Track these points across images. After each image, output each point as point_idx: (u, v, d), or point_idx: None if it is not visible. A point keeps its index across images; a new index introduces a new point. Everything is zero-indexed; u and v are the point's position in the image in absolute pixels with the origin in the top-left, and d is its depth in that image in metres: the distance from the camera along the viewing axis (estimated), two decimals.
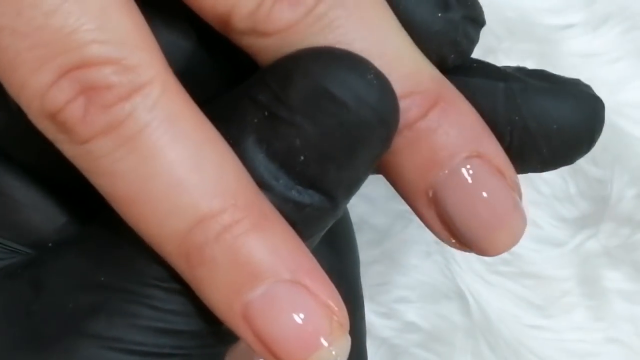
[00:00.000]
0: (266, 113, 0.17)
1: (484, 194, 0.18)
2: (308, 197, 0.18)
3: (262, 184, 0.17)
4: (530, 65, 0.34)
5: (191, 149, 0.17)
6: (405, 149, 0.18)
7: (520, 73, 0.20)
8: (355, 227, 0.35)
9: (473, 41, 0.20)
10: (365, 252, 0.35)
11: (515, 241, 0.19)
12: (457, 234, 0.19)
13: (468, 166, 0.18)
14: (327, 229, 0.19)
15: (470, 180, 0.18)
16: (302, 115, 0.17)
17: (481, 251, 0.19)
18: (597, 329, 0.34)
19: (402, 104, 0.18)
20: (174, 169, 0.17)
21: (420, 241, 0.35)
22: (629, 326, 0.34)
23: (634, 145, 0.33)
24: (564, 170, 0.34)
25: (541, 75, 0.20)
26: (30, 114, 0.17)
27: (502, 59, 0.34)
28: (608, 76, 0.34)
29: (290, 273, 0.17)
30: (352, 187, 0.18)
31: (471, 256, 0.35)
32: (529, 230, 0.35)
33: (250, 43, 0.18)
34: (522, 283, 0.35)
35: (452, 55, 0.19)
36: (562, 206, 0.35)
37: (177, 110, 0.17)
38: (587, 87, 0.20)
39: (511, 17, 0.34)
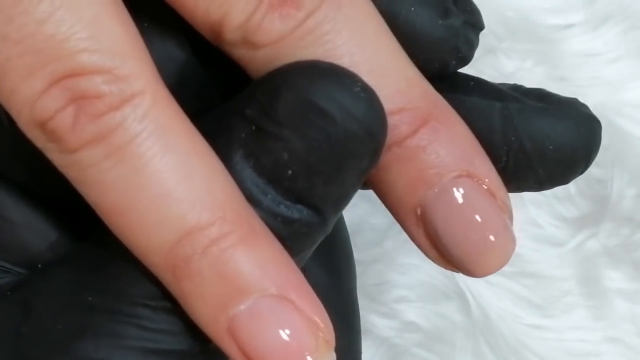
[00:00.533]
0: (254, 127, 0.17)
1: (474, 215, 0.18)
2: (297, 212, 0.17)
3: (251, 199, 0.17)
4: (531, 64, 0.34)
5: (181, 161, 0.17)
6: (394, 166, 0.18)
7: (518, 92, 0.20)
8: (355, 227, 0.35)
9: (473, 46, 0.20)
10: (365, 252, 0.35)
11: (503, 263, 0.19)
12: (445, 254, 0.19)
13: (458, 186, 0.18)
14: (316, 244, 0.19)
15: (459, 201, 0.18)
16: (290, 129, 0.17)
17: (469, 272, 0.19)
18: (597, 329, 0.34)
19: (391, 121, 0.18)
20: (163, 180, 0.17)
21: None
22: (629, 326, 0.34)
23: (634, 145, 0.33)
24: None
25: (538, 95, 0.20)
26: (19, 121, 0.17)
27: (502, 59, 0.34)
28: (608, 76, 0.34)
29: (276, 288, 0.17)
30: (340, 201, 0.18)
31: None
32: (529, 229, 0.35)
33: (242, 54, 0.18)
34: (523, 283, 0.35)
35: (454, 62, 0.19)
36: (562, 206, 0.35)
37: (167, 121, 0.17)
38: (584, 106, 0.20)
39: (511, 17, 0.34)
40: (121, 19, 0.17)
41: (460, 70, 0.20)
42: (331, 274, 0.23)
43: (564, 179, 0.19)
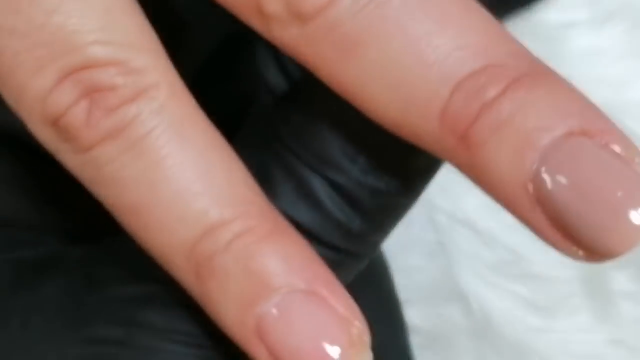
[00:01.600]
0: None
1: (601, 178, 0.15)
2: (384, 183, 0.17)
3: (340, 167, 0.17)
4: None
5: (199, 155, 0.16)
6: (490, 137, 0.15)
7: None
8: None
9: None
10: None
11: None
12: (572, 234, 0.15)
13: (573, 145, 0.15)
14: (400, 218, 0.18)
15: (579, 163, 0.15)
16: None
17: (605, 252, 0.15)
18: (601, 331, 0.34)
19: (474, 82, 0.15)
20: (183, 175, 0.16)
21: (421, 242, 0.35)
22: (634, 328, 0.34)
23: (638, 144, 0.33)
24: None
25: None
26: (30, 121, 0.16)
27: None
28: (613, 74, 0.34)
29: (305, 283, 0.16)
30: (423, 178, 0.17)
31: (473, 257, 0.34)
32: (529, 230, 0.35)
33: (291, 38, 0.16)
34: (525, 284, 0.34)
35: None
36: None
37: (183, 114, 0.16)
38: None
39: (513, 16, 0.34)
40: (133, 11, 0.16)
41: None
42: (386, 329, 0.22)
43: None
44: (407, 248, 0.35)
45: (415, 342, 0.34)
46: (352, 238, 0.17)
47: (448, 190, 0.35)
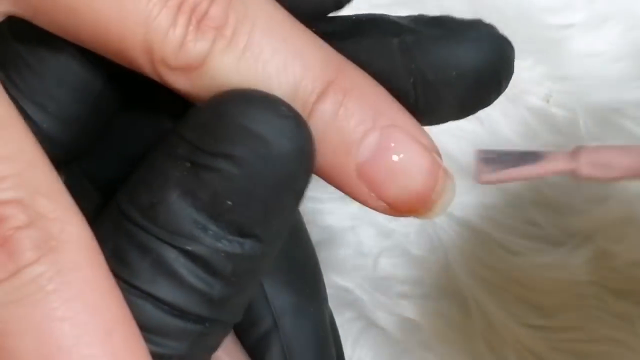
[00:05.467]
0: (188, 164, 0.17)
1: (404, 162, 0.18)
2: (239, 245, 0.17)
3: (192, 238, 0.17)
4: (531, 64, 0.34)
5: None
6: (317, 137, 0.18)
7: (417, 23, 0.19)
8: (357, 221, 0.35)
9: None
10: (369, 247, 0.35)
11: (448, 199, 0.19)
12: (392, 204, 0.19)
13: (382, 140, 0.18)
14: (261, 276, 0.18)
15: (388, 153, 0.18)
16: (224, 158, 0.17)
17: (419, 214, 0.19)
18: (596, 329, 0.34)
19: (295, 91, 0.18)
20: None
21: (421, 242, 0.35)
22: (629, 326, 0.34)
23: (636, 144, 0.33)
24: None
25: (438, 22, 0.19)
26: None
27: None
28: (609, 76, 0.34)
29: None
30: (281, 229, 0.18)
31: (471, 256, 0.35)
32: (529, 229, 0.35)
33: (180, 84, 0.18)
34: (522, 283, 0.35)
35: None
36: (562, 206, 0.35)
37: (82, 275, 0.17)
38: (487, 26, 0.19)
39: (512, 17, 0.34)
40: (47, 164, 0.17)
41: None
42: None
43: (481, 103, 0.19)
44: (408, 243, 0.35)
45: (415, 339, 0.35)
46: (216, 305, 0.18)
47: None
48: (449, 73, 0.18)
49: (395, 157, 0.18)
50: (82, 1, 0.17)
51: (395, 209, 0.19)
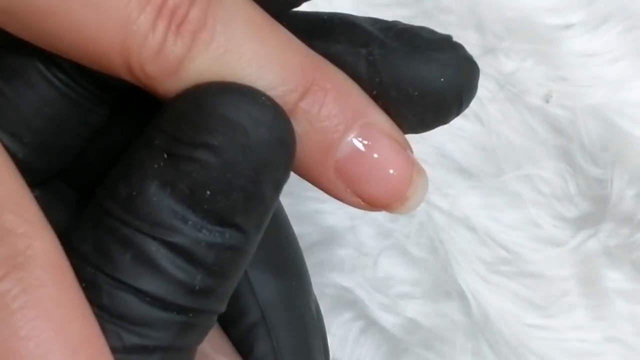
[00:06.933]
0: (166, 156, 0.17)
1: (380, 160, 0.19)
2: (219, 235, 0.17)
3: (172, 229, 0.17)
4: (531, 64, 0.35)
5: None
6: (298, 135, 0.18)
7: (388, 33, 0.19)
8: (357, 221, 0.35)
9: None
10: (369, 247, 0.35)
11: (421, 195, 0.19)
12: (367, 199, 0.19)
13: (359, 137, 0.19)
14: (244, 267, 0.18)
15: (364, 150, 0.19)
16: (202, 147, 0.17)
17: (392, 209, 0.19)
18: (597, 329, 0.34)
19: (278, 92, 0.18)
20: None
21: (420, 242, 0.35)
22: (629, 326, 0.34)
23: (634, 145, 0.33)
24: (563, 170, 0.34)
25: (409, 35, 0.19)
26: None
27: (502, 59, 0.34)
28: (608, 76, 0.34)
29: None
30: (262, 218, 0.18)
31: (472, 255, 0.35)
32: (529, 229, 0.35)
33: (160, 87, 0.18)
34: (523, 282, 0.35)
35: None
36: (562, 206, 0.35)
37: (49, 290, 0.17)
38: (457, 47, 0.19)
39: (511, 17, 0.34)
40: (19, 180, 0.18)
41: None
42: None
43: (438, 122, 0.19)
44: (408, 243, 0.35)
45: (415, 338, 0.35)
46: (199, 295, 0.18)
47: (446, 190, 0.35)
48: (412, 92, 0.19)
49: (372, 155, 0.19)
50: (58, 5, 0.17)
51: (371, 204, 0.19)
